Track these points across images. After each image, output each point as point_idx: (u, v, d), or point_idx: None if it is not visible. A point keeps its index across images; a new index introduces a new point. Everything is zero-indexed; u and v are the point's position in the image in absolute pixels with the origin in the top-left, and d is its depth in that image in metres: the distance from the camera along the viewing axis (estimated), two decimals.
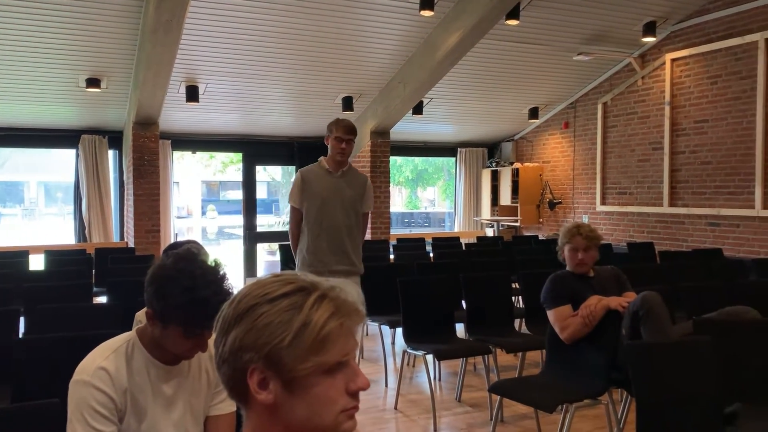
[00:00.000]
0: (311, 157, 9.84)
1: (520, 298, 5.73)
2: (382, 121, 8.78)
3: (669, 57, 8.14)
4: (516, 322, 5.21)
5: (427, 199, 24.75)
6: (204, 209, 26.90)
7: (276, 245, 8.77)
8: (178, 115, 8.47)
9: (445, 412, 4.31)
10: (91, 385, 1.57)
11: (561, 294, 3.41)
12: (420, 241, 8.36)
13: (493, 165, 10.93)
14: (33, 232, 19.17)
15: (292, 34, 6.83)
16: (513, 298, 5.38)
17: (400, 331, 4.48)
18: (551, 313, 3.41)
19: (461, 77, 8.38)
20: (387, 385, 4.88)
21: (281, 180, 21.89)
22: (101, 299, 5.74)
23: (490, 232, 10.63)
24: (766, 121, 7.06)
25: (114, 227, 8.99)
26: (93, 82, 7.13)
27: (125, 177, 8.54)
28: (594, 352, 3.27)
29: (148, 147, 7.92)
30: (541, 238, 9.03)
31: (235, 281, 1.01)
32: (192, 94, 7.63)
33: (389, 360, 5.28)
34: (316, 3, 6.35)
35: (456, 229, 11.12)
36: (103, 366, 1.60)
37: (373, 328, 5.56)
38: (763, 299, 4.23)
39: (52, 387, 1.97)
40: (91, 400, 1.56)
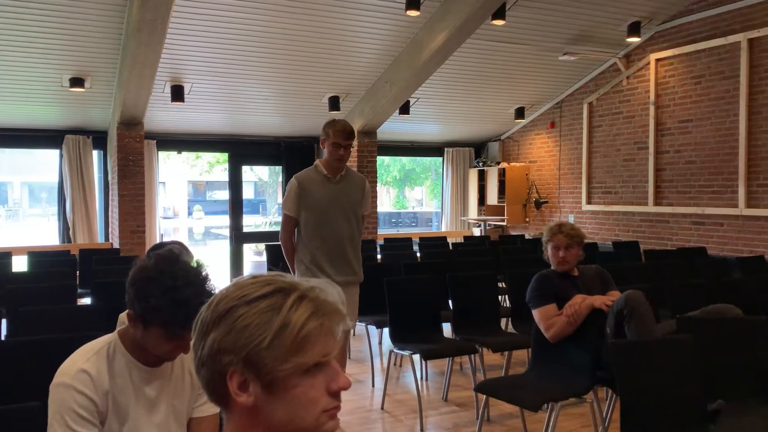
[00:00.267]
0: (298, 158, 9.96)
1: (506, 297, 5.76)
2: (369, 121, 8.78)
3: (653, 57, 8.20)
4: (502, 321, 5.24)
5: (415, 199, 24.78)
6: (190, 209, 26.75)
7: (263, 245, 8.75)
8: (163, 115, 8.41)
9: (432, 411, 4.31)
10: (72, 388, 1.56)
11: (546, 293, 3.42)
12: (407, 241, 8.37)
13: (480, 165, 10.96)
14: (16, 232, 18.99)
15: (278, 33, 6.81)
16: (499, 297, 5.41)
17: (387, 331, 4.48)
18: (536, 312, 3.43)
19: (448, 77, 8.40)
20: (374, 385, 4.88)
21: (268, 180, 21.83)
22: (85, 301, 5.70)
23: (477, 231, 10.65)
24: (748, 121, 7.14)
25: (99, 228, 8.92)
26: (77, 81, 7.07)
27: (110, 177, 8.47)
28: (579, 350, 3.29)
29: (132, 147, 7.87)
30: (528, 237, 9.07)
31: (222, 282, 1.00)
32: (177, 93, 7.58)
33: (376, 360, 5.28)
34: (302, 2, 6.33)
35: (443, 229, 11.14)
36: (84, 368, 1.59)
37: (360, 328, 5.56)
38: (746, 297, 4.27)
39: (34, 390, 1.95)
40: (72, 402, 1.55)
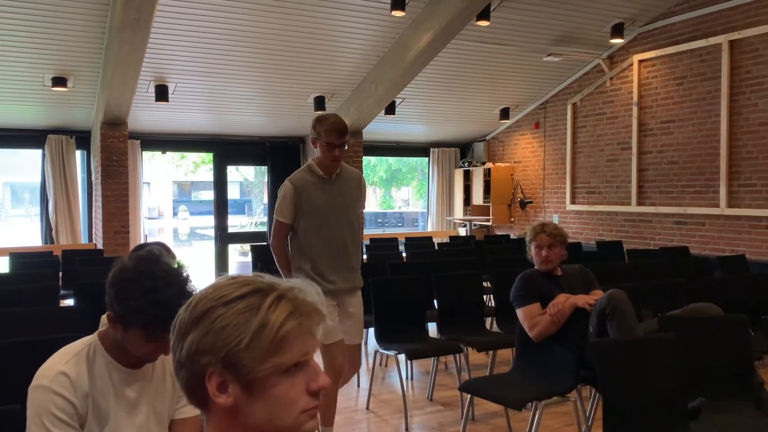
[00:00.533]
0: (283, 158, 9.94)
1: (491, 296, 5.79)
2: (354, 121, 8.77)
3: (636, 58, 8.27)
4: (487, 320, 5.26)
5: (402, 199, 24.80)
6: (175, 210, 26.59)
7: (248, 246, 8.72)
8: (147, 115, 8.36)
9: (417, 411, 4.32)
10: (51, 391, 1.54)
11: (529, 292, 3.45)
12: (393, 241, 8.38)
13: (466, 165, 10.99)
14: None
15: (263, 33, 6.79)
16: (485, 296, 5.43)
17: (372, 331, 4.48)
18: (520, 312, 3.45)
19: (433, 77, 8.42)
20: (359, 386, 4.88)
21: (254, 180, 21.75)
22: (68, 302, 5.64)
23: (462, 231, 10.69)
24: (729, 122, 7.22)
25: (82, 228, 8.85)
26: (59, 81, 7.01)
27: (93, 177, 8.41)
28: (562, 349, 3.32)
29: (116, 147, 7.81)
30: (513, 237, 9.11)
31: (207, 283, 0.99)
32: (161, 93, 7.53)
33: (361, 360, 5.28)
34: (287, 2, 6.32)
35: (429, 229, 11.17)
36: (64, 371, 1.58)
37: None
38: (727, 296, 4.33)
39: (15, 393, 1.93)
40: (51, 405, 1.53)
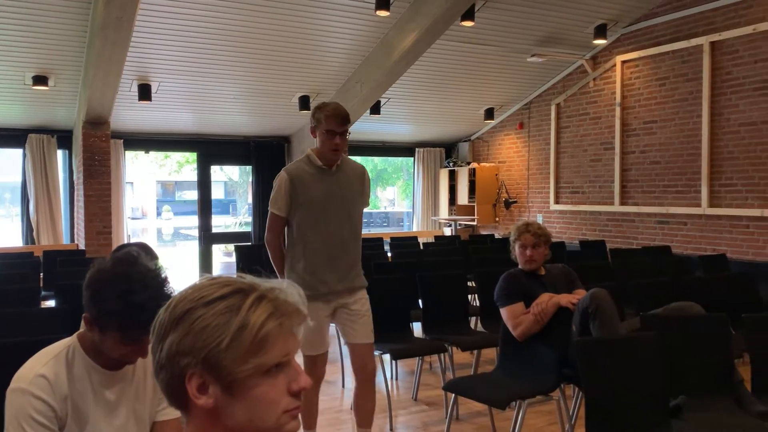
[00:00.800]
0: (268, 157, 9.91)
1: (476, 296, 5.80)
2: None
3: (619, 59, 8.34)
4: (472, 320, 5.27)
5: (387, 199, 24.81)
6: (159, 210, 26.40)
7: (232, 246, 8.68)
8: (130, 114, 8.29)
9: (402, 411, 4.32)
10: (30, 394, 1.52)
11: (513, 292, 3.46)
12: (378, 241, 8.37)
13: (451, 165, 11.02)
14: None
15: (246, 31, 6.76)
16: (469, 296, 5.44)
17: None
18: (504, 311, 3.46)
19: (418, 78, 8.43)
20: (344, 386, 4.88)
21: (238, 180, 21.64)
22: (50, 303, 5.58)
23: (448, 231, 10.71)
24: (711, 122, 7.30)
25: (64, 229, 8.76)
26: (40, 79, 6.93)
27: (75, 177, 8.33)
28: (545, 348, 3.33)
29: (98, 147, 7.74)
30: (497, 236, 9.15)
31: (190, 284, 0.99)
32: (144, 92, 7.48)
33: (346, 360, 5.26)
34: (271, 0, 6.30)
35: (414, 229, 11.18)
36: (42, 373, 1.56)
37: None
38: (708, 295, 4.38)
39: None
40: (30, 408, 1.51)
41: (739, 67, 7.03)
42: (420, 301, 4.82)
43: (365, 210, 3.49)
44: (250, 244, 9.20)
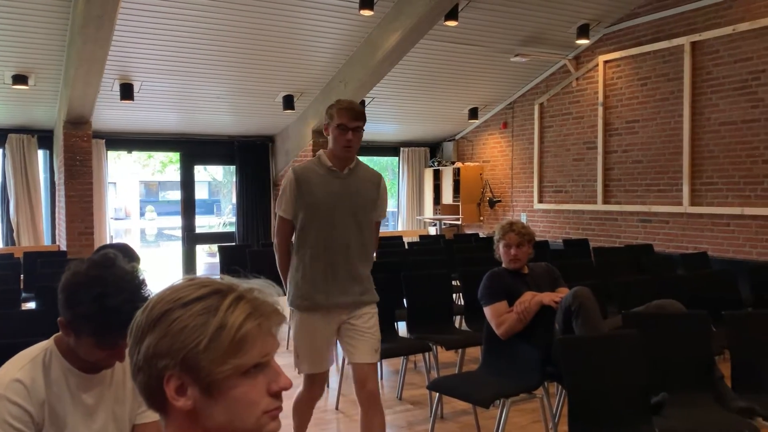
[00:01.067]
0: (252, 157, 9.86)
1: (460, 295, 5.82)
2: (323, 121, 8.73)
3: (602, 59, 8.40)
4: (456, 319, 5.28)
5: None
6: (143, 210, 26.21)
7: (216, 246, 8.63)
8: (112, 114, 8.22)
9: (387, 410, 4.30)
10: (6, 399, 1.50)
11: (497, 291, 3.47)
12: None
13: (435, 164, 11.04)
14: None
15: (230, 30, 6.72)
16: (454, 295, 5.45)
17: None
18: (488, 310, 3.48)
19: (402, 77, 8.44)
20: (329, 386, 4.86)
21: (222, 180, 21.52)
22: (30, 305, 5.52)
23: (432, 230, 10.73)
24: (692, 122, 7.38)
25: (45, 230, 8.66)
26: (20, 78, 6.85)
27: (56, 178, 8.24)
28: (529, 347, 3.35)
29: (80, 147, 7.66)
30: (482, 236, 9.17)
31: (168, 285, 0.98)
32: (126, 92, 7.41)
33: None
34: (255, 0, 6.27)
35: (399, 228, 11.19)
36: (18, 378, 1.53)
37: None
38: (689, 293, 4.43)
39: None
40: (5, 413, 1.49)
41: (720, 67, 7.11)
42: (405, 301, 4.82)
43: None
44: (233, 244, 9.16)
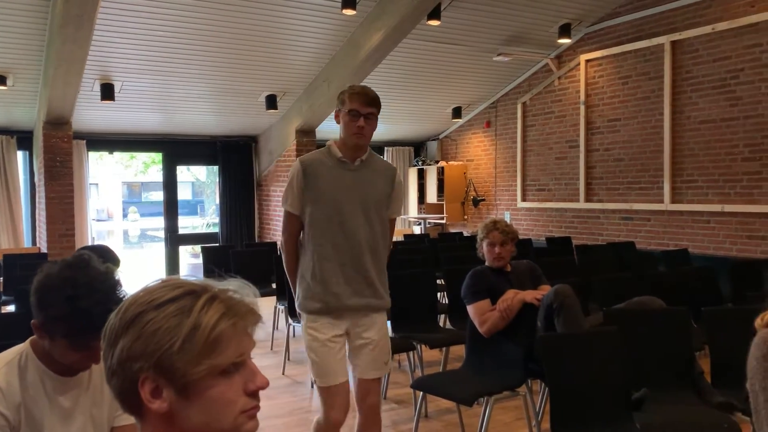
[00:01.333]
0: (235, 157, 9.81)
1: (445, 294, 5.83)
2: (307, 120, 8.73)
3: (583, 58, 8.46)
4: (441, 317, 5.30)
5: None
6: (125, 211, 26.00)
7: (198, 247, 8.58)
8: (92, 114, 8.14)
9: None
10: None
11: (480, 289, 3.49)
12: None
13: (419, 164, 11.06)
14: None
15: (211, 30, 6.68)
16: (438, 294, 5.46)
17: None
18: (471, 308, 3.49)
19: (386, 77, 8.43)
20: (313, 386, 4.85)
21: (206, 180, 21.40)
22: (9, 308, 5.46)
23: (417, 229, 10.75)
24: (672, 120, 7.45)
25: (25, 232, 8.56)
26: None
27: (36, 179, 8.14)
28: (512, 344, 3.37)
29: (60, 147, 7.58)
30: (466, 234, 9.20)
31: (141, 287, 0.97)
32: (107, 92, 7.34)
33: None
34: None
35: None
36: None
37: (299, 329, 5.50)
38: (669, 289, 4.47)
39: None
40: None
41: (699, 66, 7.19)
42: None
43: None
44: (217, 245, 9.11)
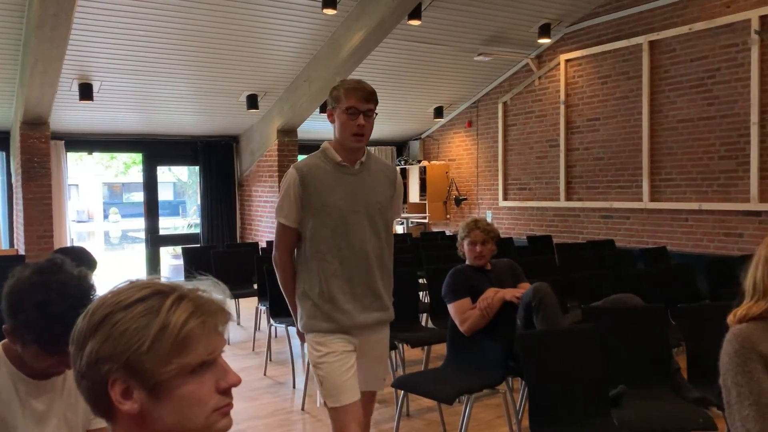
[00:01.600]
0: (216, 157, 9.76)
1: (427, 293, 5.84)
2: (288, 120, 8.70)
3: (563, 58, 8.52)
4: (423, 316, 5.31)
5: None
6: (106, 212, 25.75)
7: (179, 248, 8.51)
8: (71, 115, 8.04)
9: None
10: None
11: (460, 288, 3.51)
12: None
13: (402, 163, 11.07)
14: None
15: (192, 28, 6.64)
16: (420, 293, 5.48)
17: None
18: (451, 307, 3.51)
19: (367, 76, 8.43)
20: (295, 387, 4.85)
21: (187, 180, 21.25)
22: None
23: (399, 229, 10.76)
24: (650, 119, 7.54)
25: (2, 234, 8.44)
26: None
27: (14, 180, 8.03)
28: (492, 343, 3.39)
29: (37, 148, 7.48)
30: (448, 233, 9.23)
31: (109, 289, 0.96)
32: (85, 92, 7.26)
33: (297, 361, 5.25)
34: None
35: None
36: None
37: (281, 330, 5.51)
38: (647, 287, 4.52)
39: None
40: None
41: (677, 66, 7.27)
42: None
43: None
44: (198, 246, 9.05)
